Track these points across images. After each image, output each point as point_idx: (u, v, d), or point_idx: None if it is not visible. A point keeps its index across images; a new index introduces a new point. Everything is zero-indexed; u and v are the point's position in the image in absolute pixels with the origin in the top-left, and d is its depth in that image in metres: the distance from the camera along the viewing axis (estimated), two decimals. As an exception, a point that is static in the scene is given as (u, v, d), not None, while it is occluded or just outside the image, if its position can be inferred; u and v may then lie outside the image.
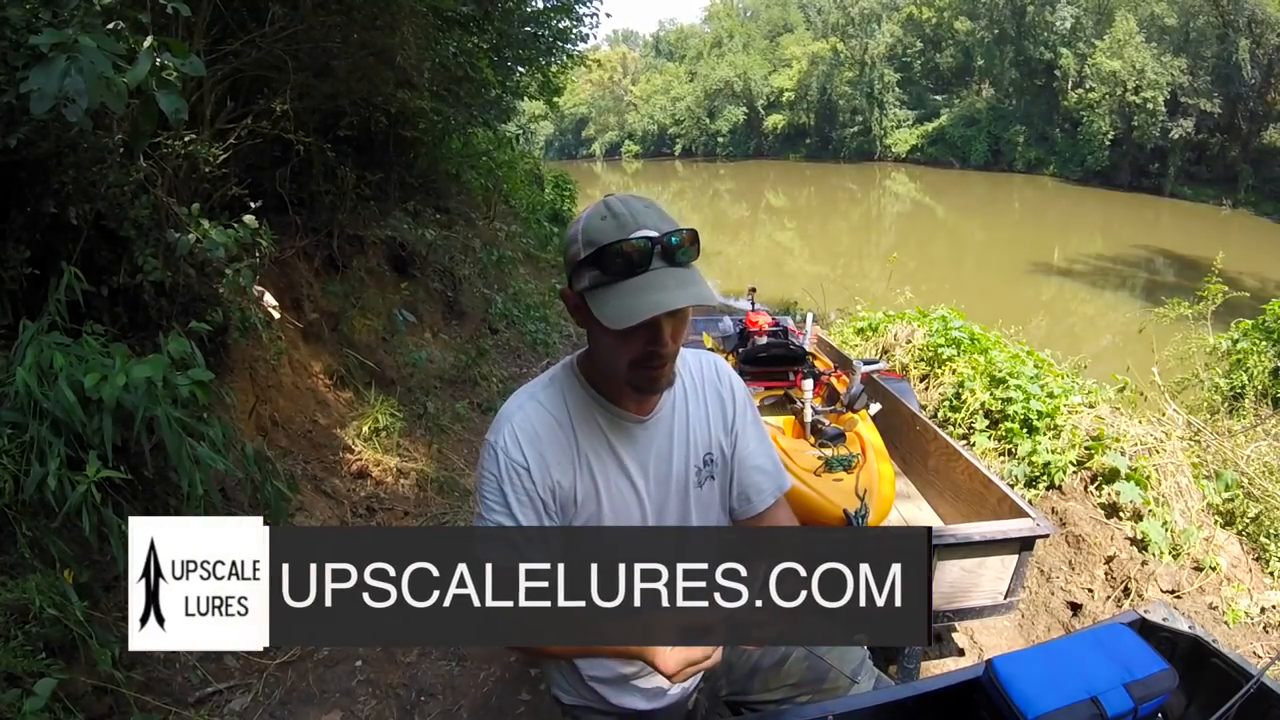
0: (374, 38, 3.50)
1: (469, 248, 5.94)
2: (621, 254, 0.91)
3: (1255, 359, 4.26)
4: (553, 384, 1.08)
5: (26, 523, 1.65)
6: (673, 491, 1.10)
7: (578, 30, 6.96)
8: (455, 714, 2.23)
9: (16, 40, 1.68)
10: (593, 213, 0.96)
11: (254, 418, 2.84)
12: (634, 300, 0.90)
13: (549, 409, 1.05)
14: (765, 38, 45.73)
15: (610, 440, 1.06)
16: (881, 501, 2.24)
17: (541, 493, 1.02)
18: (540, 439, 1.02)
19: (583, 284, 0.95)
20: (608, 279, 0.92)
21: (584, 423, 1.05)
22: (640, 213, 0.94)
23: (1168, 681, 1.03)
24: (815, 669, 1.26)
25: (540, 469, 1.01)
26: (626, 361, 0.96)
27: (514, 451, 1.01)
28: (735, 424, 1.15)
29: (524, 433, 1.02)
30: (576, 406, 1.05)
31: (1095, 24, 28.51)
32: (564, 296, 1.01)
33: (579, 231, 0.96)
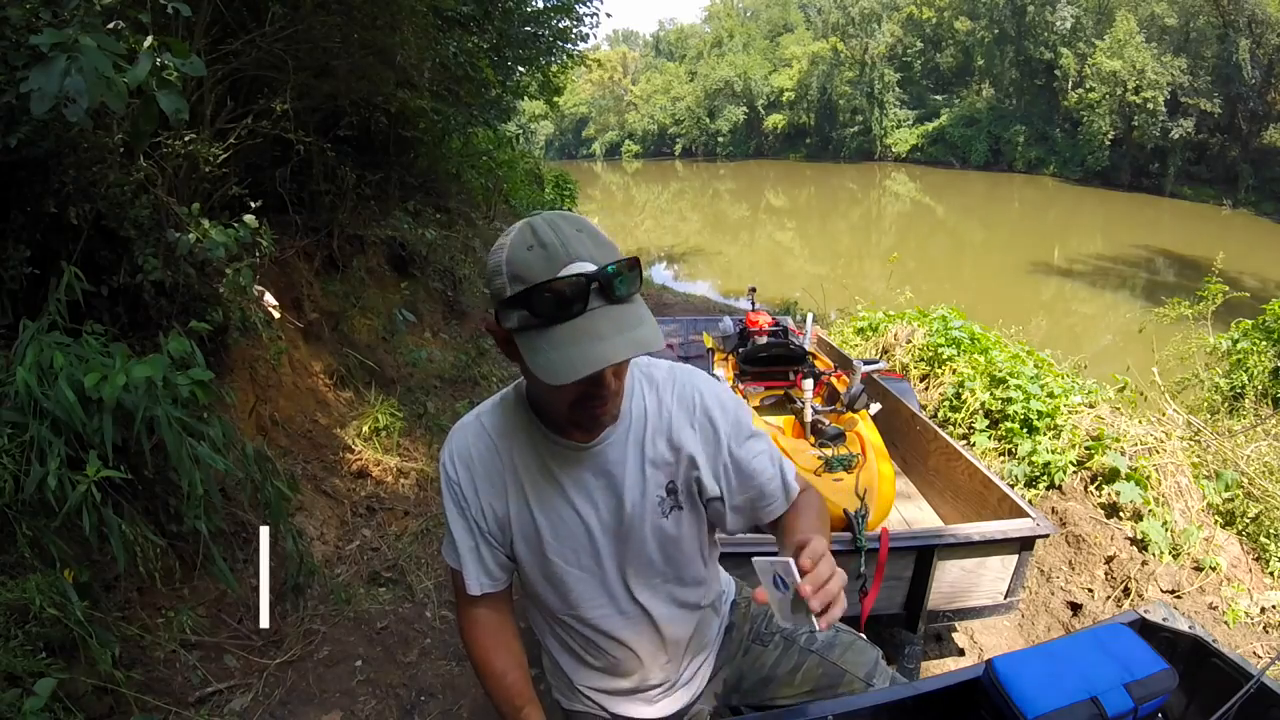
0: (374, 37, 3.51)
1: (469, 248, 5.94)
2: (554, 295, 0.80)
3: (1255, 359, 4.26)
4: (500, 405, 1.05)
5: (26, 522, 1.65)
6: (628, 519, 1.02)
7: (578, 30, 6.97)
8: (455, 714, 2.23)
9: (16, 40, 1.68)
10: (517, 239, 0.84)
11: (254, 418, 2.84)
12: (571, 352, 0.80)
13: (489, 431, 1.03)
14: (765, 37, 45.76)
15: (550, 467, 1.00)
16: (881, 501, 2.24)
17: (474, 513, 1.03)
18: (473, 460, 1.02)
19: (510, 323, 0.84)
20: (538, 322, 0.81)
21: (522, 447, 1.01)
22: (572, 240, 0.82)
23: (1168, 681, 1.03)
24: (829, 674, 1.23)
25: (471, 490, 1.02)
26: (565, 404, 0.90)
27: (450, 470, 1.03)
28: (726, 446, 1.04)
29: (459, 454, 1.03)
30: (515, 431, 1.01)
31: (1095, 24, 28.51)
32: (489, 330, 0.91)
33: (502, 262, 0.83)
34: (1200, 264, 5.05)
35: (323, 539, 2.79)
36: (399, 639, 2.48)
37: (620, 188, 37.07)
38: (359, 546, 2.87)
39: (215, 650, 2.12)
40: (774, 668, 1.27)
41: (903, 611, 2.11)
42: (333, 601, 2.50)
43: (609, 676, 1.15)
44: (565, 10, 6.67)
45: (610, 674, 1.15)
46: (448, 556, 1.09)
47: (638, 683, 1.16)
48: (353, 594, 2.59)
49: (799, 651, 1.27)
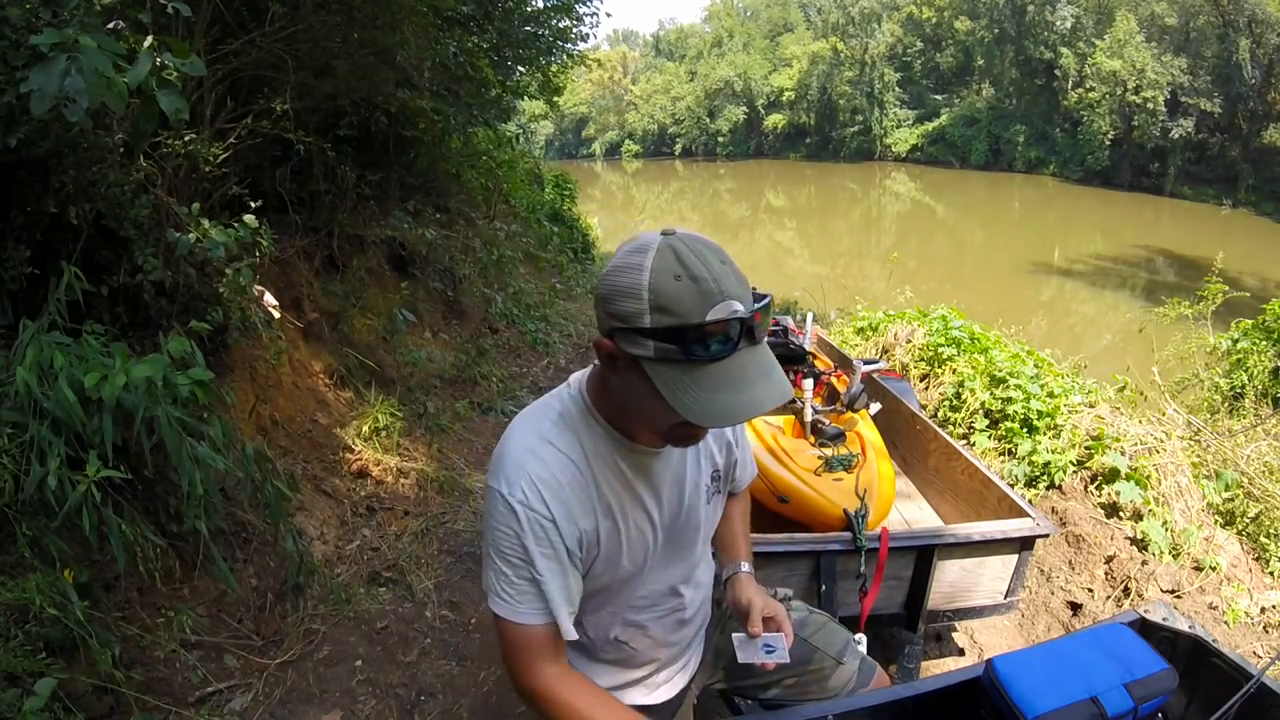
0: (374, 37, 3.50)
1: (469, 247, 5.94)
2: (711, 339, 0.78)
3: (1255, 359, 4.26)
4: (563, 422, 0.98)
5: (26, 522, 1.64)
6: (684, 512, 1.08)
7: (578, 30, 6.95)
8: (455, 714, 2.23)
9: (16, 40, 1.68)
10: (661, 265, 0.79)
11: (254, 417, 2.84)
12: (725, 397, 0.79)
13: (565, 452, 0.96)
14: (765, 37, 45.78)
15: (628, 476, 1.00)
16: (881, 501, 2.24)
17: (568, 544, 0.95)
18: (562, 488, 0.94)
19: (643, 351, 0.81)
20: (685, 360, 0.79)
21: (600, 461, 0.97)
22: (720, 275, 0.79)
23: (1168, 681, 1.03)
24: (802, 651, 1.28)
25: (566, 520, 0.94)
26: (665, 427, 0.90)
27: (536, 505, 0.92)
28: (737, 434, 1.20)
29: (545, 485, 0.93)
30: (592, 445, 0.97)
31: (1095, 24, 28.53)
32: (601, 346, 0.87)
33: (643, 287, 0.79)
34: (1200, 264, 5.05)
35: (323, 539, 2.79)
36: (399, 639, 2.48)
37: (620, 187, 37.08)
38: (359, 546, 2.87)
39: (215, 650, 2.12)
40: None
41: (903, 611, 2.11)
42: (333, 601, 2.50)
43: (620, 669, 1.17)
44: (565, 10, 6.66)
45: (623, 667, 1.17)
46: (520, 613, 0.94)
47: (648, 672, 1.19)
48: (353, 594, 2.59)
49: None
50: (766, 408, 0.81)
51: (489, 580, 0.96)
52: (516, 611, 0.94)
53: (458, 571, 2.91)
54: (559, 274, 8.35)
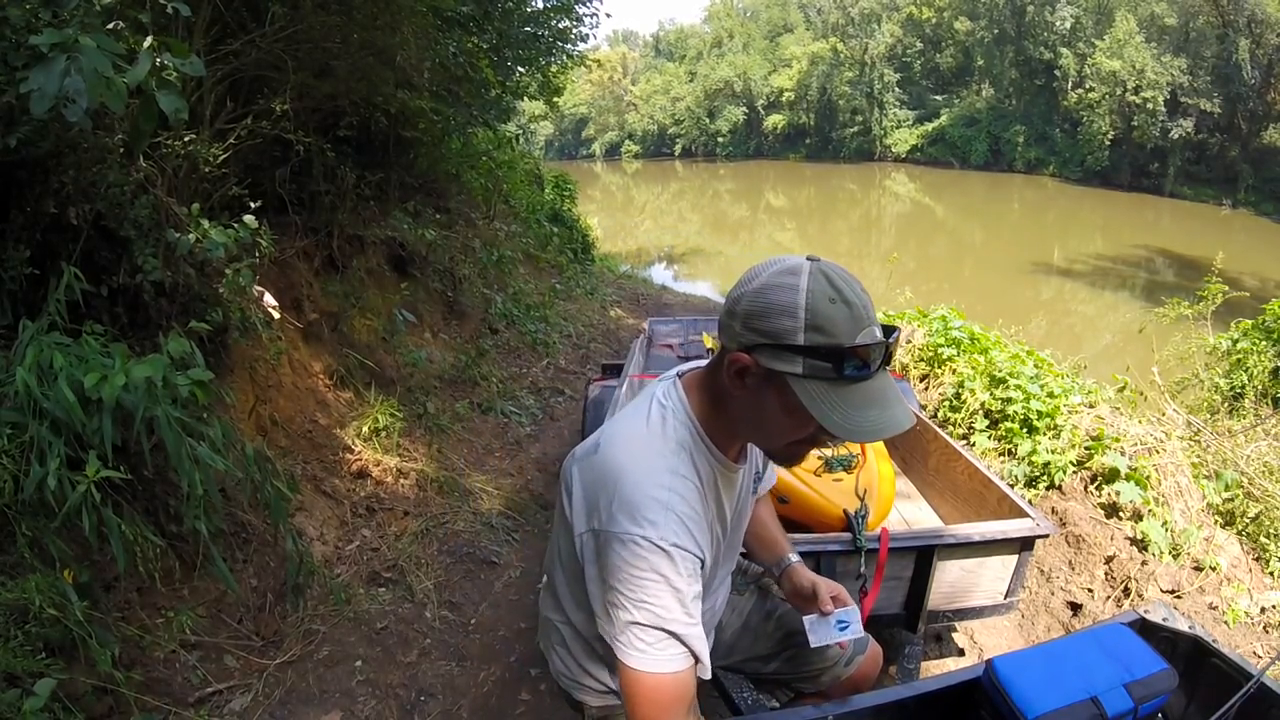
0: (374, 38, 3.50)
1: (469, 248, 5.94)
2: (862, 360, 0.84)
3: (1255, 359, 4.26)
4: (683, 451, 0.97)
5: (26, 523, 1.64)
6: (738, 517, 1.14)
7: (578, 30, 6.95)
8: (455, 714, 2.23)
9: (16, 40, 1.68)
10: (817, 289, 0.83)
11: (254, 418, 2.84)
12: (872, 414, 0.85)
13: (695, 484, 0.96)
14: (765, 38, 45.78)
15: (720, 492, 1.03)
16: (881, 501, 2.24)
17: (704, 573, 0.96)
18: (700, 520, 0.94)
19: (792, 368, 0.84)
20: (834, 378, 0.84)
21: (709, 485, 1.00)
22: (867, 303, 0.86)
23: (1168, 681, 1.03)
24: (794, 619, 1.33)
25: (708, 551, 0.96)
26: (788, 441, 0.94)
27: (690, 545, 0.91)
28: None
29: (692, 521, 0.92)
30: (705, 471, 0.99)
31: (1095, 24, 28.53)
32: (738, 360, 0.88)
33: (800, 307, 0.83)
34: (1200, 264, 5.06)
35: (323, 539, 2.79)
36: (399, 639, 2.48)
37: (620, 188, 37.09)
38: (359, 546, 2.87)
39: (215, 650, 2.12)
40: (750, 615, 1.39)
41: (903, 611, 2.11)
42: (332, 601, 2.50)
43: None
44: (565, 10, 6.66)
45: None
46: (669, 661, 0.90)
47: None
48: (352, 594, 2.59)
49: (771, 600, 1.40)
50: (904, 427, 0.86)
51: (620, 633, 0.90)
52: (659, 661, 0.89)
53: (458, 572, 2.91)
54: (559, 274, 8.35)
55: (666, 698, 0.90)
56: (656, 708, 0.89)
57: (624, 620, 0.90)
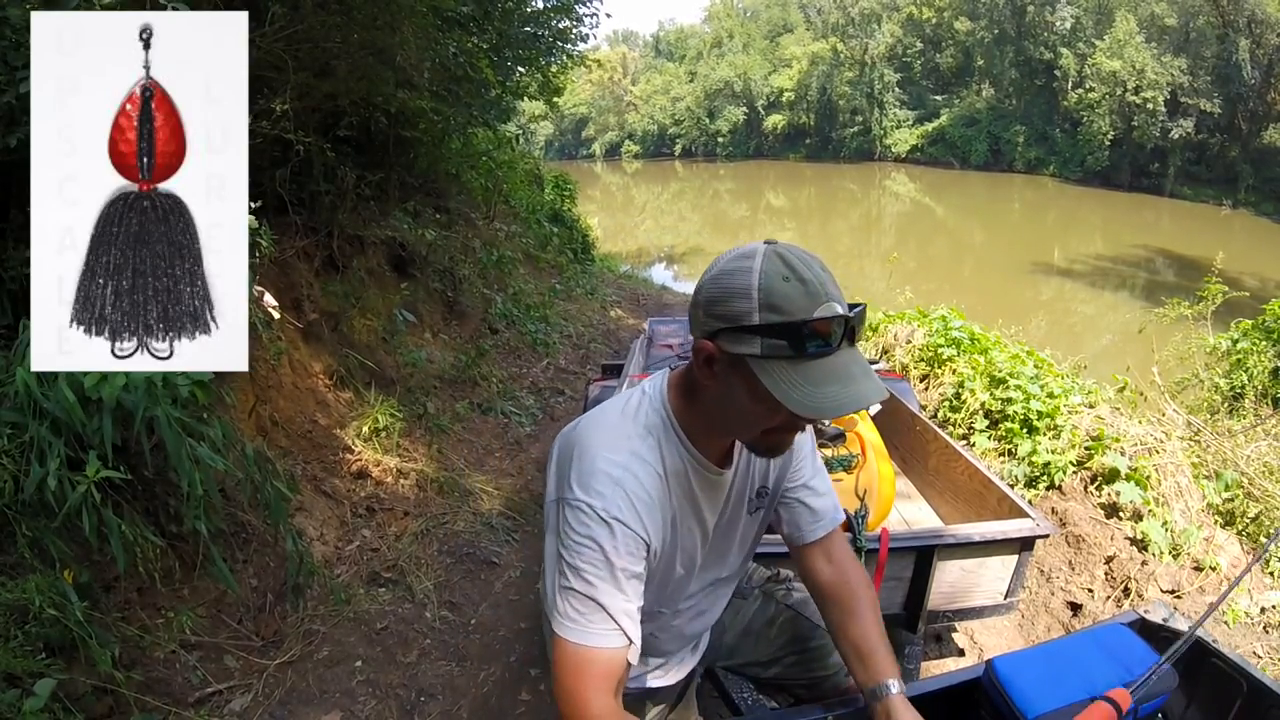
0: (374, 37, 3.50)
1: (469, 248, 5.94)
2: (819, 333, 0.82)
3: (1255, 359, 4.26)
4: (650, 437, 0.97)
5: (26, 523, 1.65)
6: (727, 525, 1.10)
7: (578, 30, 6.96)
8: (455, 714, 2.23)
9: (16, 40, 1.68)
10: (770, 268, 0.83)
11: (254, 418, 2.83)
12: (832, 390, 0.82)
13: (656, 470, 0.96)
14: (765, 38, 45.76)
15: (695, 491, 1.01)
16: (881, 502, 2.24)
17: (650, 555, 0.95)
18: (653, 504, 0.93)
19: (750, 349, 0.83)
20: (793, 355, 0.82)
21: (676, 479, 0.98)
22: (825, 279, 0.84)
23: (1168, 681, 1.03)
24: (803, 627, 1.30)
25: (656, 537, 0.95)
26: (762, 430, 0.91)
27: (634, 522, 0.91)
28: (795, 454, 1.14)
29: (641, 501, 0.92)
30: (671, 460, 0.98)
31: (1095, 24, 28.52)
32: (701, 350, 0.89)
33: (753, 287, 0.83)
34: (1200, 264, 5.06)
35: (323, 539, 2.79)
36: (399, 639, 2.48)
37: (620, 188, 37.08)
38: (359, 547, 2.87)
39: (215, 650, 2.12)
40: (753, 620, 1.35)
41: (903, 611, 2.11)
42: (332, 602, 2.50)
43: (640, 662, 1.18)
44: (565, 10, 6.67)
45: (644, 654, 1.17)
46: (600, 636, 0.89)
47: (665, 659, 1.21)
48: (352, 594, 2.59)
49: (775, 605, 1.36)
50: (869, 402, 0.83)
51: (554, 598, 0.91)
52: (586, 633, 0.89)
53: (458, 572, 2.91)
54: (559, 274, 8.35)
55: (591, 672, 0.88)
56: (580, 681, 0.88)
57: (560, 586, 0.91)
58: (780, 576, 1.40)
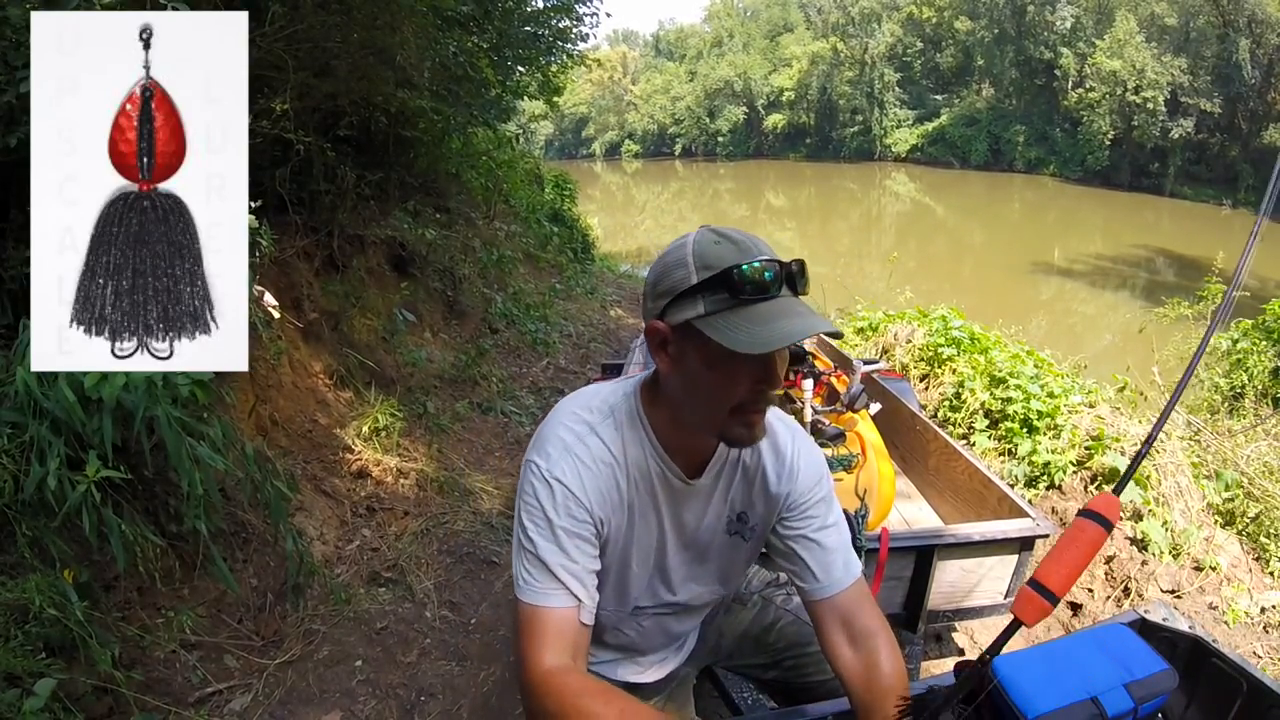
0: (374, 37, 3.50)
1: (469, 247, 5.94)
2: (754, 274, 0.84)
3: (1255, 359, 4.26)
4: (612, 418, 1.00)
5: (26, 522, 1.65)
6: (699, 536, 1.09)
7: (578, 30, 6.96)
8: (455, 714, 2.23)
9: (16, 40, 1.68)
10: (701, 238, 0.89)
11: (254, 417, 2.83)
12: (773, 325, 0.83)
13: (609, 447, 0.98)
14: (765, 37, 45.77)
15: (656, 492, 1.02)
16: (881, 501, 2.24)
17: (596, 527, 0.97)
18: (600, 477, 0.96)
19: (694, 311, 0.86)
20: (734, 302, 0.84)
21: (636, 469, 1.00)
22: (753, 238, 0.88)
23: (1168, 681, 1.03)
24: (802, 633, 1.29)
25: (599, 505, 0.96)
26: (730, 406, 0.89)
27: (574, 485, 0.94)
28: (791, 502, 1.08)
29: (586, 469, 0.95)
30: (633, 451, 0.99)
31: (1095, 24, 28.52)
32: (652, 332, 0.91)
33: (687, 256, 0.87)
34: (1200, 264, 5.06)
35: (323, 539, 2.79)
36: (399, 639, 2.49)
37: (620, 187, 37.08)
38: (359, 546, 2.87)
39: (215, 650, 2.12)
40: (751, 625, 1.34)
41: (903, 611, 2.11)
42: (333, 601, 2.50)
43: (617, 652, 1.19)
44: (565, 10, 6.67)
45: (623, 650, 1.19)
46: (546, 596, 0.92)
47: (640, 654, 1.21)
48: (353, 594, 2.59)
49: (775, 610, 1.34)
50: (814, 330, 0.85)
51: (515, 564, 0.96)
52: (535, 593, 0.92)
53: (458, 572, 2.91)
54: (559, 274, 8.35)
55: (542, 632, 0.91)
56: (531, 641, 0.91)
57: (517, 548, 0.95)
58: (780, 581, 1.39)
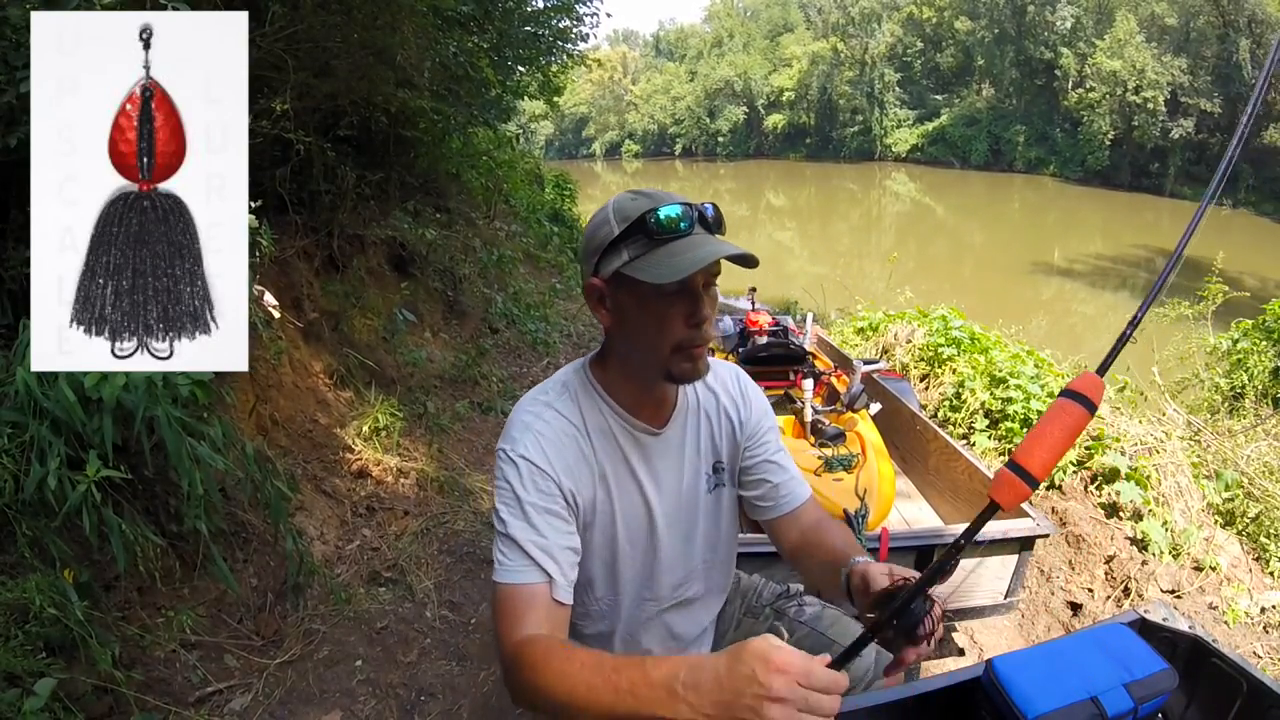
0: (374, 37, 3.50)
1: (469, 247, 5.94)
2: (663, 219, 0.91)
3: (1255, 359, 4.26)
4: (564, 391, 1.04)
5: (26, 522, 1.64)
6: (683, 502, 1.10)
7: (578, 30, 6.96)
8: (455, 714, 2.23)
9: (16, 40, 1.68)
10: (619, 197, 0.97)
11: (254, 417, 2.83)
12: (686, 256, 0.89)
13: (568, 418, 1.02)
14: (765, 37, 45.77)
15: (625, 452, 1.04)
16: (881, 501, 2.24)
17: (566, 498, 0.99)
18: (563, 447, 0.99)
19: (620, 260, 0.93)
20: (651, 244, 0.91)
21: (599, 433, 1.03)
22: (669, 194, 0.96)
23: (1168, 681, 1.03)
24: (818, 645, 1.27)
25: (566, 474, 0.99)
26: (670, 345, 0.95)
27: (538, 459, 0.97)
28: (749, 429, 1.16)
29: (547, 441, 0.98)
30: (592, 417, 1.03)
31: (1095, 24, 28.53)
32: (590, 289, 0.99)
33: (609, 214, 0.96)
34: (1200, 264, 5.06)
35: (323, 539, 2.79)
36: (399, 639, 2.48)
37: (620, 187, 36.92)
38: (359, 546, 2.87)
39: (215, 650, 2.12)
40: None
41: (903, 611, 2.10)
42: (333, 601, 2.50)
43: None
44: (565, 10, 6.66)
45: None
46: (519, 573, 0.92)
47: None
48: (353, 594, 2.59)
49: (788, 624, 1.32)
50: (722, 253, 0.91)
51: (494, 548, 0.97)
52: (507, 571, 0.92)
53: (458, 571, 2.91)
54: (559, 274, 8.35)
55: (515, 609, 0.90)
56: (506, 619, 0.90)
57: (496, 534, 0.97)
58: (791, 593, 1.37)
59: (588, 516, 1.02)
